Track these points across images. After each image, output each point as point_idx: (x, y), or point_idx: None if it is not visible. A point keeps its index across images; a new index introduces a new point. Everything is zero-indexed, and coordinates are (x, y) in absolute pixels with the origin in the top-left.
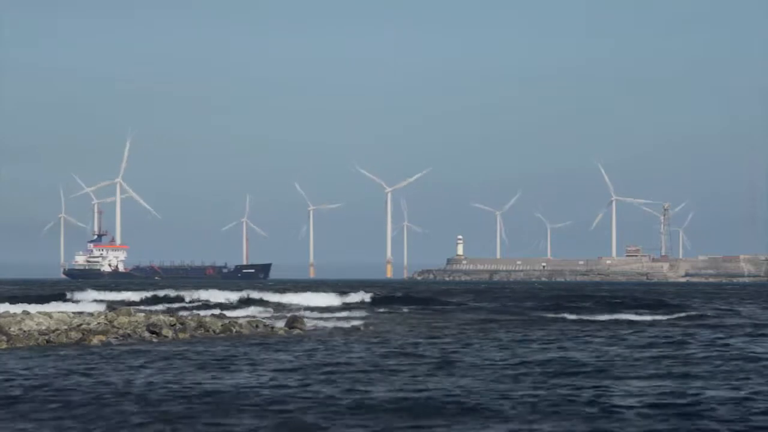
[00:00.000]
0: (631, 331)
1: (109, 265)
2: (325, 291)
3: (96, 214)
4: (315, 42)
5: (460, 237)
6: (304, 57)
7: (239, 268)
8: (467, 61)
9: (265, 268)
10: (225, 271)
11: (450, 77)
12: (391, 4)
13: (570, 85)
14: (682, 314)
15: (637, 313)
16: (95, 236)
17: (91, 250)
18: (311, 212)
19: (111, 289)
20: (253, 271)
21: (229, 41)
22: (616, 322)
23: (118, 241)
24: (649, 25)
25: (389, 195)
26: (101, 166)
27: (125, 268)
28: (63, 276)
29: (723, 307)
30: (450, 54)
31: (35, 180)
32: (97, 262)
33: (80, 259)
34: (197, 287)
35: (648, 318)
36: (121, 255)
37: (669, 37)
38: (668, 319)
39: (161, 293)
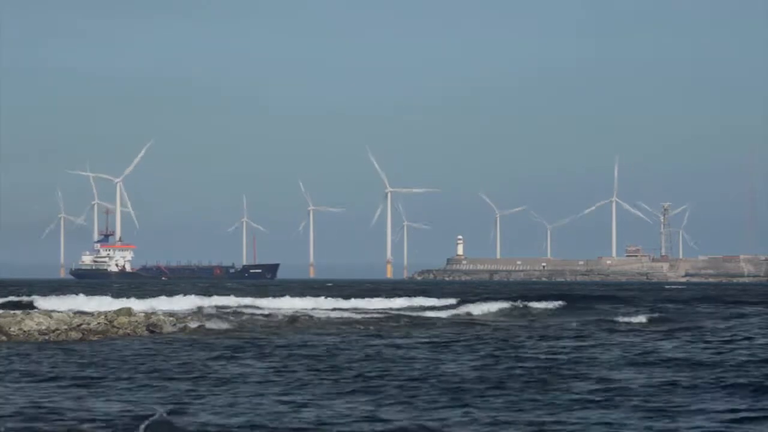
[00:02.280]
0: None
1: (116, 265)
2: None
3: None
4: (315, 41)
5: (460, 237)
6: (304, 56)
7: (246, 268)
8: (470, 60)
9: (273, 268)
10: (232, 271)
11: (451, 77)
12: (390, 4)
13: (570, 86)
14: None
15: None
16: (102, 236)
17: (98, 250)
18: (311, 212)
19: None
20: (260, 271)
21: (230, 41)
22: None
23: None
24: (650, 26)
25: (389, 195)
26: (102, 167)
27: (132, 268)
28: (69, 276)
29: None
30: (451, 53)
31: (35, 180)
32: (104, 262)
33: (87, 259)
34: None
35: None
36: (128, 255)
37: (670, 38)
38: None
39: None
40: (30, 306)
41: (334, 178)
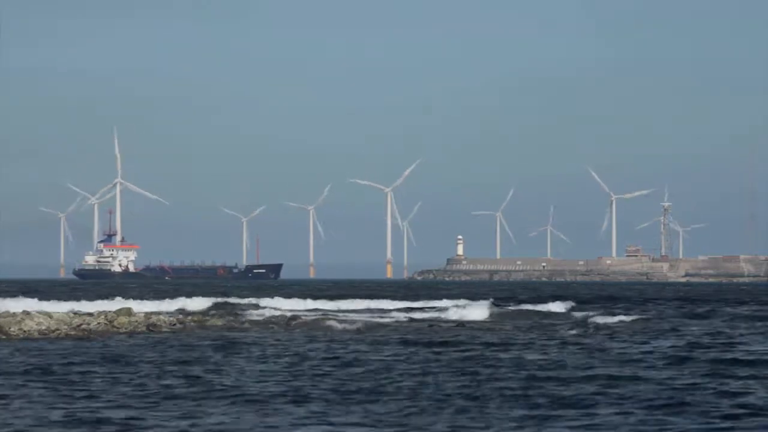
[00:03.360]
0: None
1: (120, 265)
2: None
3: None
4: (316, 42)
5: (460, 237)
6: (304, 57)
7: (250, 268)
8: (468, 61)
9: (276, 268)
10: (236, 271)
11: (450, 77)
12: (389, 4)
13: (570, 86)
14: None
15: None
16: (105, 236)
17: (101, 250)
18: (311, 212)
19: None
20: (264, 271)
21: (230, 41)
22: None
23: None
24: (649, 25)
25: (389, 195)
26: (102, 167)
27: (135, 268)
28: (72, 276)
29: None
30: (451, 54)
31: (35, 180)
32: (108, 262)
33: (90, 259)
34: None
35: None
36: (131, 255)
37: (668, 38)
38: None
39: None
40: None
41: (334, 178)
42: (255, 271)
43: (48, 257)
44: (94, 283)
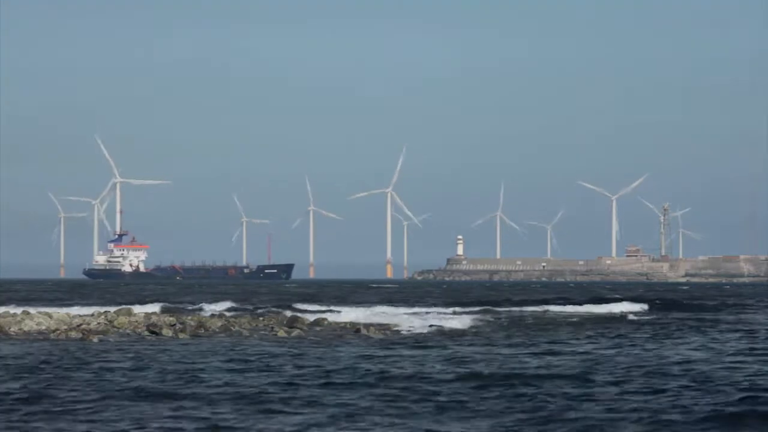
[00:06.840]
0: None
1: (130, 265)
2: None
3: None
4: (317, 42)
5: (460, 237)
6: (305, 57)
7: (261, 269)
8: (468, 60)
9: (288, 268)
10: (246, 271)
11: (451, 76)
12: (392, 3)
13: (570, 85)
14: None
15: None
16: (116, 236)
17: (112, 250)
18: (311, 212)
19: None
20: (275, 271)
21: (230, 42)
22: None
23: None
24: (649, 25)
25: (389, 195)
26: (102, 167)
27: (146, 268)
28: (83, 276)
29: None
30: (451, 53)
31: (35, 180)
32: (118, 262)
33: (100, 259)
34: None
35: None
36: (142, 255)
37: (669, 37)
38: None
39: None
40: None
41: (332, 178)
42: (266, 271)
43: (48, 257)
44: (110, 283)
